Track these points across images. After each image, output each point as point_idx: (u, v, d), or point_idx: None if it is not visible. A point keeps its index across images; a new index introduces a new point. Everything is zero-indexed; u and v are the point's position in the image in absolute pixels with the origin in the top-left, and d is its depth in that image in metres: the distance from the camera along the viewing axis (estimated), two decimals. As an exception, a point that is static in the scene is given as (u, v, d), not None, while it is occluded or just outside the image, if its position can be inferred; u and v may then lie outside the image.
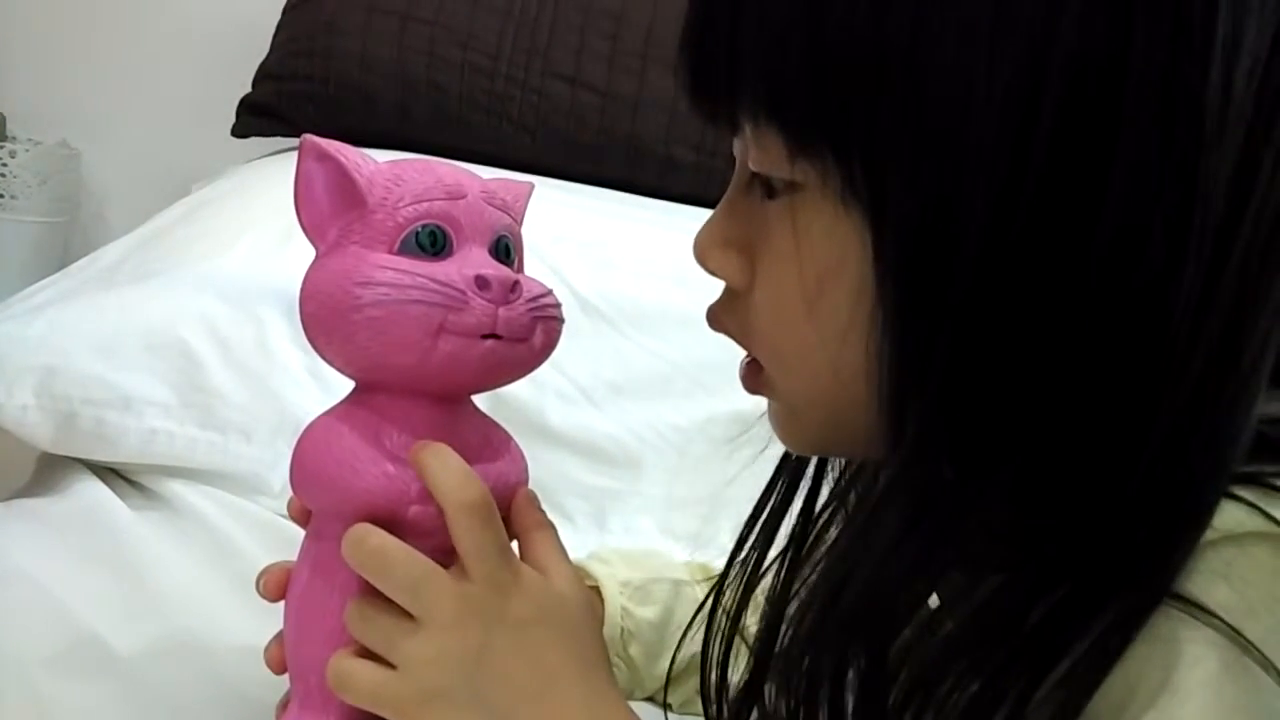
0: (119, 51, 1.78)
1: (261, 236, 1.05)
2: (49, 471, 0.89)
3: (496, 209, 0.53)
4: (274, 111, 1.48)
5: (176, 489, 0.85)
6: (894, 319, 0.40)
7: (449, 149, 1.22)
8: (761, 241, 0.45)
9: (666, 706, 0.64)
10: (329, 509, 0.51)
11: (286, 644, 0.54)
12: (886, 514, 0.42)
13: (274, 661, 0.54)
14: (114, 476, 0.87)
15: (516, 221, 0.55)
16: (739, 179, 0.47)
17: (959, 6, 0.37)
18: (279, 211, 0.56)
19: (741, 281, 0.47)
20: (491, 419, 0.55)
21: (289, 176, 0.51)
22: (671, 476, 0.96)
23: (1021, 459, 0.39)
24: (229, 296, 0.97)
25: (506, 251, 0.53)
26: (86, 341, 0.90)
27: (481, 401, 0.55)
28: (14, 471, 0.94)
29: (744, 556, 0.57)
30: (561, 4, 1.41)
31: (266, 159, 1.40)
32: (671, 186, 1.35)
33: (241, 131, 1.53)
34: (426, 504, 0.49)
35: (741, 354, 0.49)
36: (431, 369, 0.49)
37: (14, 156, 1.66)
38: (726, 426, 0.96)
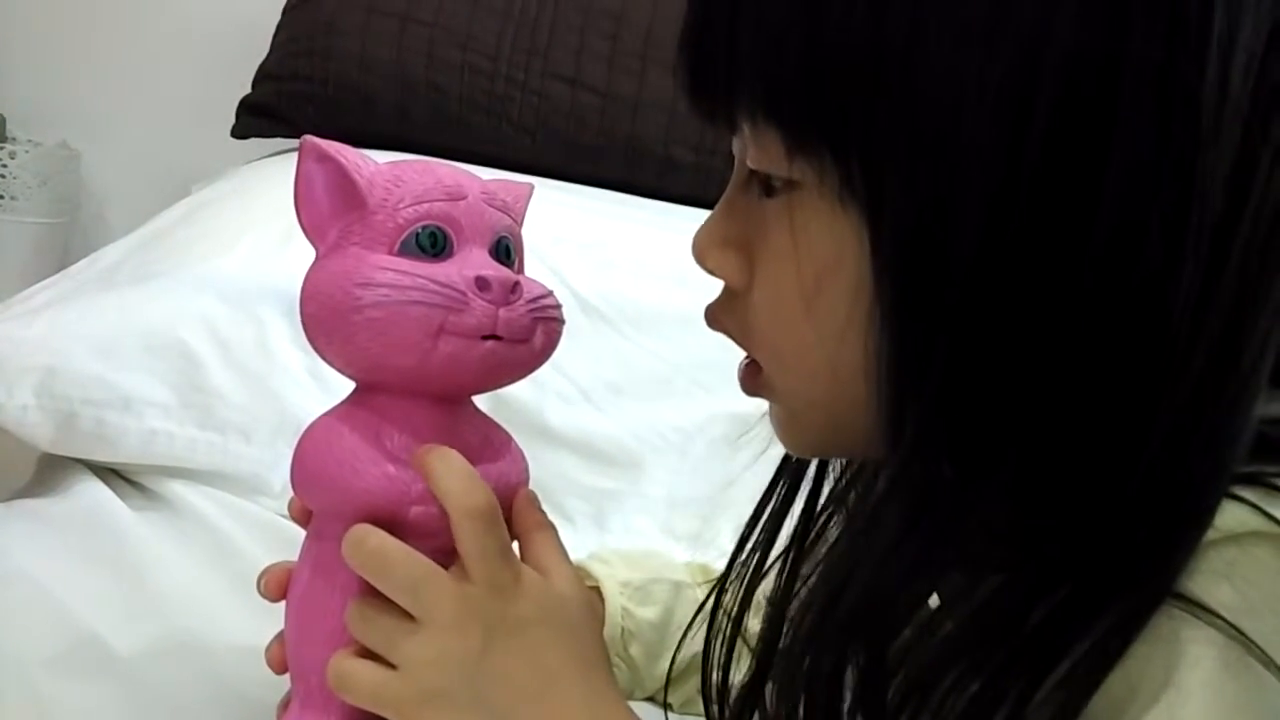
0: (119, 52, 1.77)
1: (261, 237, 1.05)
2: (49, 472, 0.89)
3: (497, 210, 0.53)
4: (274, 112, 1.48)
5: (177, 489, 0.85)
6: (892, 318, 0.40)
7: (449, 150, 1.22)
8: (760, 240, 0.46)
9: (667, 707, 0.64)
10: (329, 509, 0.52)
11: (287, 644, 0.54)
12: (886, 514, 0.42)
13: (275, 662, 0.54)
14: (114, 477, 0.87)
15: (517, 222, 0.55)
16: (737, 178, 0.47)
17: (955, 6, 0.38)
18: (279, 212, 0.56)
19: (740, 280, 0.47)
20: (492, 419, 0.55)
21: (289, 177, 0.51)
22: (672, 477, 0.96)
23: (1021, 458, 0.39)
24: (229, 297, 0.97)
25: (507, 252, 0.53)
26: (87, 342, 0.90)
27: (482, 402, 0.55)
28: (14, 472, 0.94)
29: (745, 557, 0.57)
30: (561, 5, 1.41)
31: (266, 160, 1.40)
32: (671, 187, 1.35)
33: (241, 132, 1.53)
34: (427, 505, 0.49)
35: (741, 355, 0.49)
36: (432, 370, 0.49)
37: (14, 157, 1.66)
38: (727, 427, 0.96)
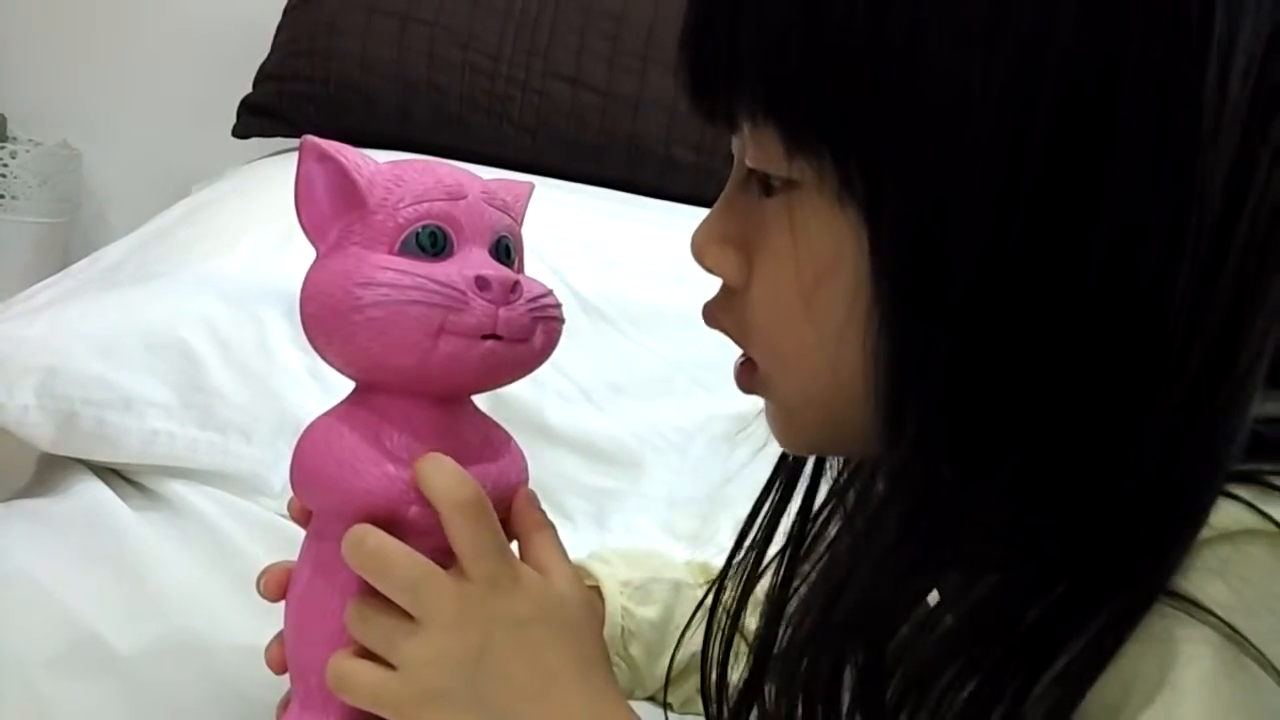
0: (119, 52, 1.78)
1: (262, 237, 1.05)
2: (50, 472, 0.89)
3: (497, 209, 0.53)
4: (274, 112, 1.48)
5: (177, 489, 0.85)
6: (890, 318, 0.40)
7: (449, 150, 1.22)
8: (759, 239, 0.46)
9: (667, 706, 0.64)
10: (329, 509, 0.52)
11: (287, 644, 0.54)
12: (885, 514, 0.42)
13: (274, 661, 0.54)
14: (115, 477, 0.87)
15: (517, 222, 0.55)
16: (737, 176, 0.47)
17: (956, 7, 0.38)
18: (279, 212, 0.56)
19: (738, 278, 0.47)
20: (492, 419, 0.55)
21: (289, 177, 0.51)
22: (672, 476, 0.96)
23: (1019, 457, 0.39)
24: (229, 297, 0.97)
25: (507, 252, 0.53)
26: (87, 342, 0.90)
27: (481, 401, 0.55)
28: (14, 472, 0.94)
29: (743, 555, 0.57)
30: (562, 4, 1.41)
31: (267, 160, 1.40)
32: (672, 186, 1.35)
33: (242, 132, 1.53)
34: (426, 504, 0.49)
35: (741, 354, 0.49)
36: (432, 369, 0.49)
37: (14, 157, 1.66)
38: (727, 426, 0.96)
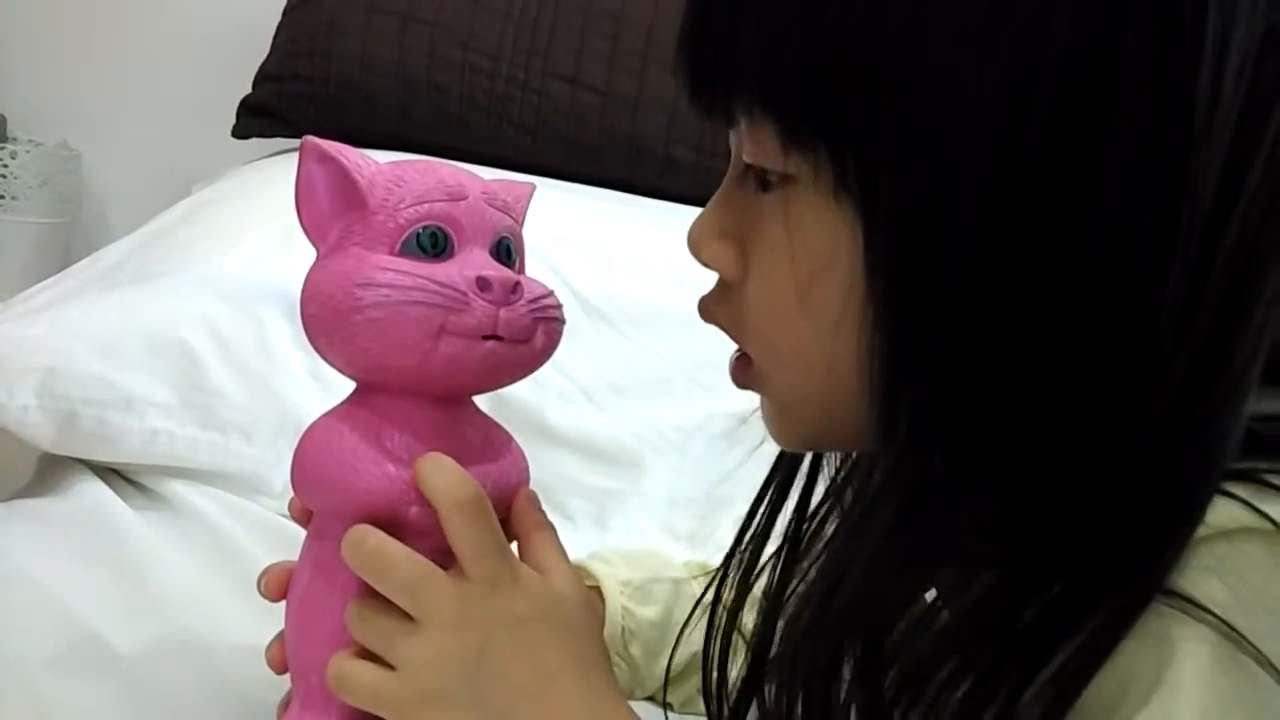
0: (119, 52, 1.78)
1: (262, 237, 1.05)
2: (50, 472, 0.89)
3: (498, 210, 0.53)
4: (274, 112, 1.48)
5: (178, 489, 0.85)
6: (885, 313, 0.40)
7: (449, 150, 1.22)
8: (755, 233, 0.46)
9: (667, 706, 0.64)
10: (330, 509, 0.52)
11: (288, 644, 0.54)
12: (880, 510, 0.42)
13: (275, 662, 0.54)
14: (115, 477, 0.87)
15: (518, 222, 0.55)
16: (734, 171, 0.48)
17: (954, 6, 0.38)
18: (280, 212, 0.56)
19: (734, 273, 0.47)
20: (492, 419, 0.55)
21: (290, 177, 0.51)
22: (672, 476, 0.96)
23: (1013, 454, 0.40)
24: (230, 297, 0.97)
25: (508, 252, 0.53)
26: (88, 342, 0.90)
27: (482, 402, 0.55)
28: (15, 472, 0.94)
29: (741, 553, 0.57)
30: (562, 4, 1.41)
31: (267, 160, 1.40)
32: (671, 186, 1.35)
33: (242, 132, 1.53)
34: (426, 505, 0.49)
35: (739, 352, 0.50)
36: (432, 370, 0.49)
37: (14, 158, 1.66)
38: (726, 425, 0.96)
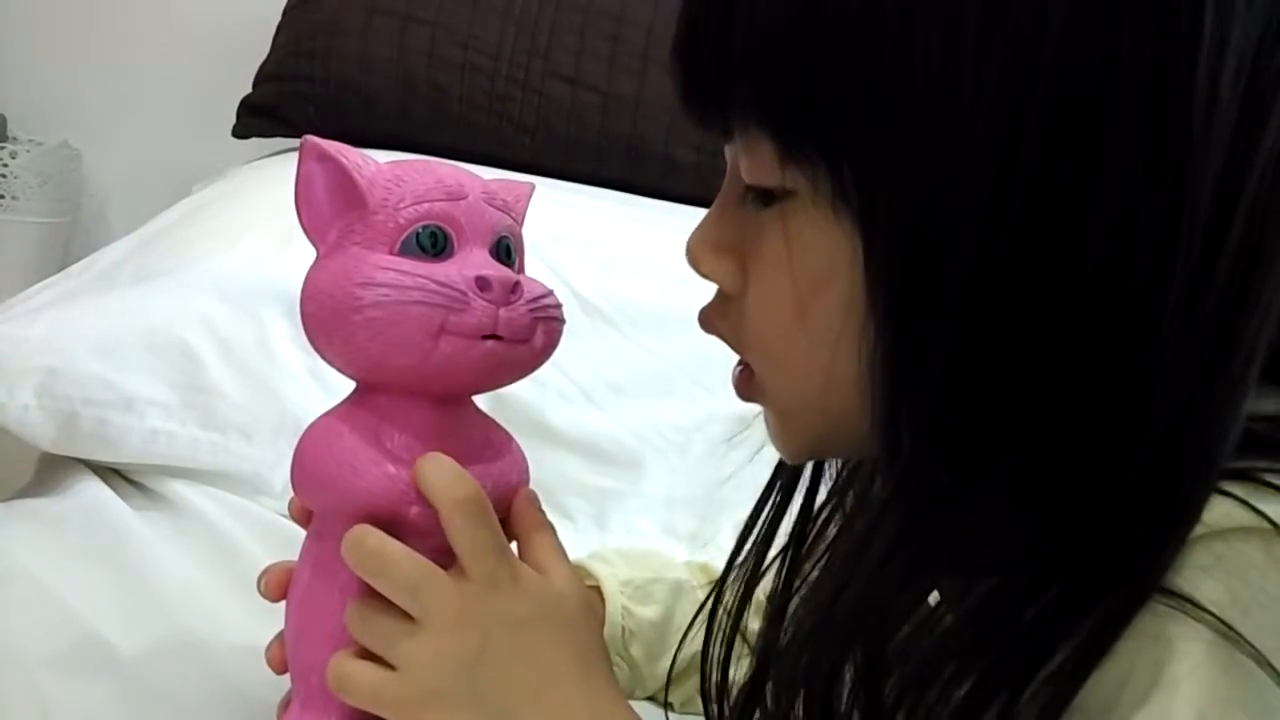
0: (119, 51, 1.77)
1: (262, 237, 1.05)
2: (50, 471, 0.89)
3: (497, 210, 0.53)
4: (274, 112, 1.48)
5: (178, 489, 0.85)
6: (885, 326, 0.40)
7: (449, 150, 1.22)
8: (753, 248, 0.45)
9: (668, 706, 0.64)
10: (330, 509, 0.52)
11: (288, 644, 0.54)
12: (883, 520, 0.42)
13: (275, 661, 0.54)
14: (115, 476, 0.87)
15: (517, 222, 0.55)
16: (730, 186, 0.47)
17: (947, 9, 0.37)
18: (280, 212, 0.56)
19: (734, 286, 0.47)
20: (492, 419, 0.55)
21: (290, 177, 0.51)
22: (672, 476, 0.96)
23: (1016, 459, 0.39)
24: (230, 297, 0.97)
25: (507, 252, 0.53)
26: (88, 342, 0.90)
27: (482, 401, 0.55)
28: (15, 471, 0.94)
29: (744, 557, 0.57)
30: (562, 4, 1.41)
31: (267, 159, 1.40)
32: (672, 187, 1.35)
33: (242, 132, 1.53)
34: (426, 505, 0.49)
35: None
36: (432, 370, 0.49)
37: (15, 157, 1.66)
38: (727, 426, 0.95)
